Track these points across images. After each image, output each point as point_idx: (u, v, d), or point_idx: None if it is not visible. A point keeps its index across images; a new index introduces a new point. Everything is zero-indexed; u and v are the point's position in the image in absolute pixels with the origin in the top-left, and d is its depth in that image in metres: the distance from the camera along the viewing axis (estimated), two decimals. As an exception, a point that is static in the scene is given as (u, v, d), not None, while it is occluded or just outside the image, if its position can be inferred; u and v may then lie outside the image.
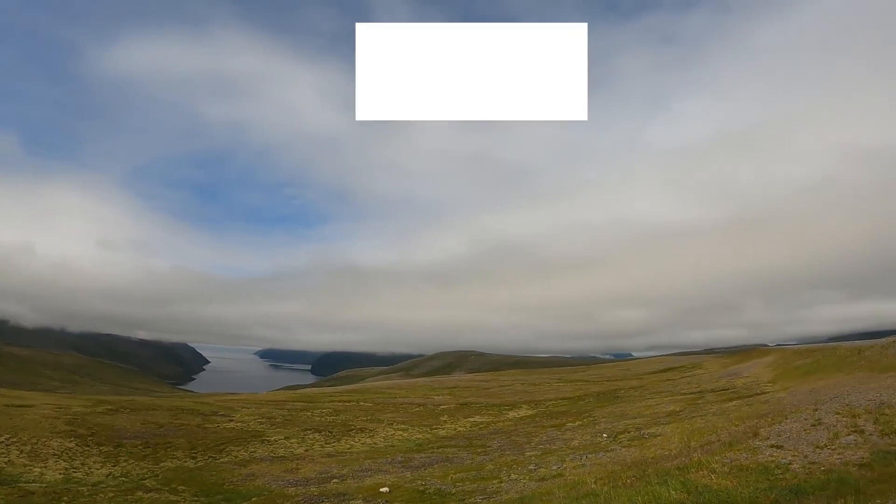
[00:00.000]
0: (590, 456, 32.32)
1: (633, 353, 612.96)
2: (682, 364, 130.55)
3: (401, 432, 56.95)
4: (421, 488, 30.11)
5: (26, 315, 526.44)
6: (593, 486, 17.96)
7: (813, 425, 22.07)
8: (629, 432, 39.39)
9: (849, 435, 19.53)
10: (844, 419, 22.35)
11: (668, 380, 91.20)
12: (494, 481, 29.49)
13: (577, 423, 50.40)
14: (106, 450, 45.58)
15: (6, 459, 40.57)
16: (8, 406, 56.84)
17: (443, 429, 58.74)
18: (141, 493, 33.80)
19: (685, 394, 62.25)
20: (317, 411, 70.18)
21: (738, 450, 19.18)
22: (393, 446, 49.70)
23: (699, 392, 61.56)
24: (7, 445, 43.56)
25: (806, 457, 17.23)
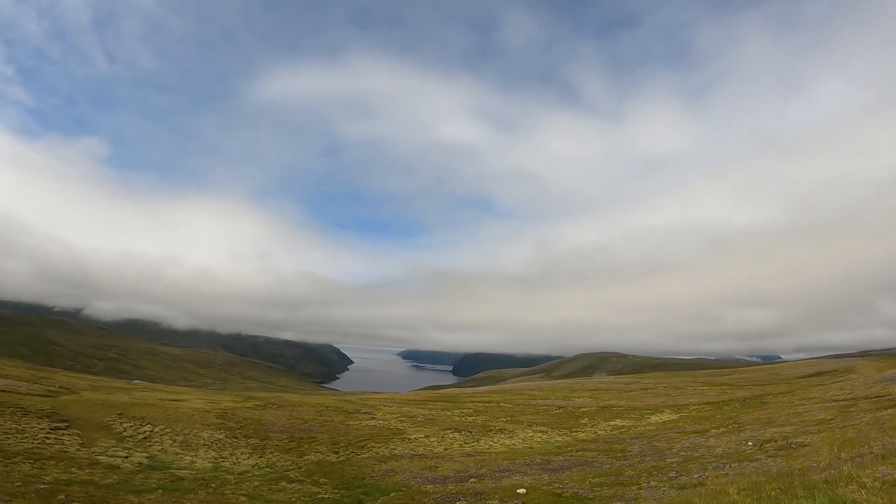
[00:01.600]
0: (733, 465, 31.31)
1: (782, 356, 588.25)
2: (834, 368, 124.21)
3: (540, 434, 56.81)
4: (558, 491, 29.99)
5: (178, 318, 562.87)
6: (735, 497, 17.42)
7: (977, 439, 20.57)
8: (776, 441, 37.86)
9: None
10: None
11: (819, 385, 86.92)
12: (633, 487, 29.03)
13: (720, 430, 48.89)
14: (253, 442, 47.66)
15: (160, 447, 43.11)
16: (163, 400, 60.41)
17: (582, 432, 58.22)
18: (284, 484, 35.16)
19: (837, 400, 59.18)
20: (457, 411, 70.92)
21: (893, 464, 18.09)
22: (531, 448, 49.63)
23: (852, 399, 58.37)
24: (161, 435, 46.32)
25: None
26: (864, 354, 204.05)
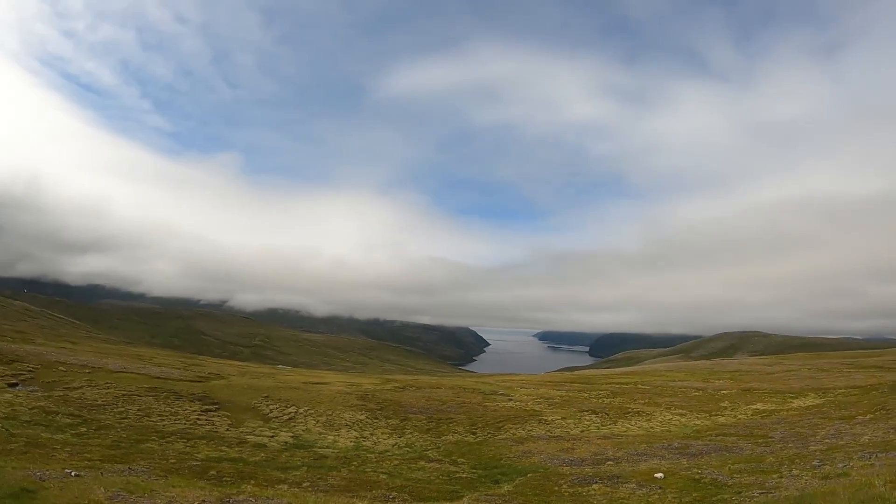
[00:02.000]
0: (881, 455, 30.38)
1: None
2: None
3: (678, 417, 56.28)
4: (696, 477, 29.97)
5: (318, 306, 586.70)
6: (881, 489, 17.13)
7: None
8: (929, 430, 36.45)
9: None
10: None
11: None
12: (774, 476, 28.67)
13: (868, 417, 47.13)
14: (393, 423, 49.46)
15: (304, 428, 45.47)
16: (306, 383, 63.27)
17: (722, 416, 57.28)
18: (423, 463, 36.53)
19: None
20: (594, 393, 70.97)
21: None
22: (669, 432, 49.32)
23: None
24: (306, 416, 48.81)
25: None
26: None
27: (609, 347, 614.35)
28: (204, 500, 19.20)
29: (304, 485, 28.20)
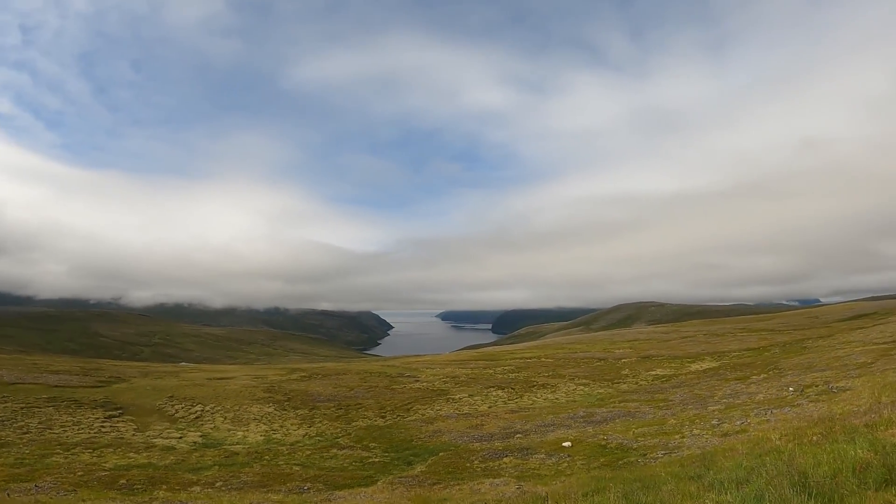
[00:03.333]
0: (775, 411, 31.69)
1: (821, 300, 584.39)
2: (874, 310, 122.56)
3: (582, 387, 57.44)
4: (603, 443, 30.71)
5: (213, 298, 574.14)
6: (777, 442, 17.76)
7: None
8: (816, 386, 38.10)
9: None
10: None
11: (859, 328, 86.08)
12: (676, 436, 29.60)
13: (761, 376, 49.14)
14: (302, 413, 48.84)
15: (212, 425, 44.39)
16: (210, 379, 61.82)
17: (624, 383, 58.76)
18: (335, 451, 36.23)
19: (878, 344, 58.84)
20: (499, 369, 71.73)
21: (933, 406, 18.36)
22: (574, 401, 50.28)
23: (893, 342, 58.06)
24: (213, 414, 47.66)
25: None
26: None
27: (511, 324, 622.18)
28: (116, 513, 18.51)
29: (218, 484, 27.54)
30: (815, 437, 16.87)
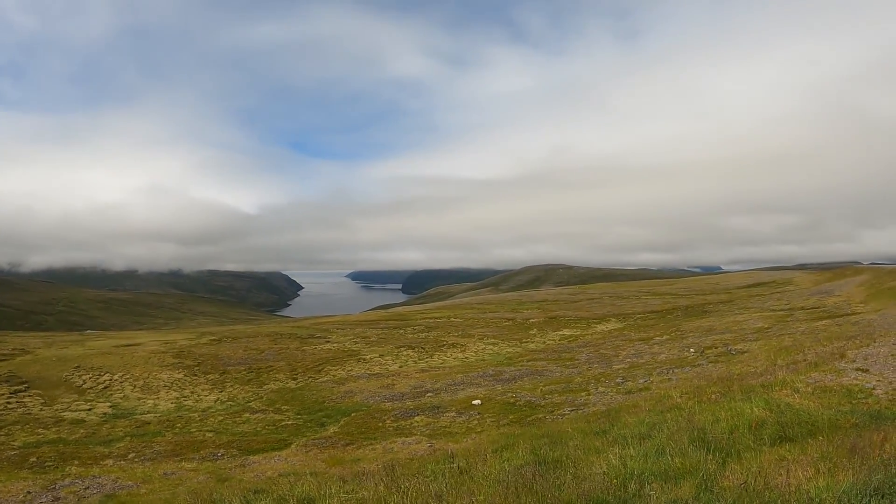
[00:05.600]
0: (676, 370, 32.88)
1: (723, 267, 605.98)
2: (773, 279, 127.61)
3: (491, 346, 58.21)
4: (511, 400, 31.34)
5: (113, 261, 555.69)
6: (678, 400, 18.44)
7: (902, 351, 21.67)
8: (716, 348, 39.62)
9: (937, 365, 19.10)
10: (934, 348, 21.89)
11: (758, 295, 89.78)
12: (583, 394, 30.45)
13: (664, 338, 50.69)
14: (213, 378, 48.07)
15: (122, 395, 43.30)
16: (118, 346, 59.94)
17: (532, 343, 59.78)
18: (248, 415, 35.96)
19: (774, 310, 61.54)
20: (409, 329, 71.98)
21: (824, 371, 19.17)
22: (484, 360, 50.92)
23: (788, 309, 60.76)
24: (122, 382, 46.40)
25: (891, 383, 17.02)
26: (802, 268, 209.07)
27: (421, 284, 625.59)
28: (29, 492, 17.92)
29: (130, 456, 26.99)
30: (714, 396, 17.58)
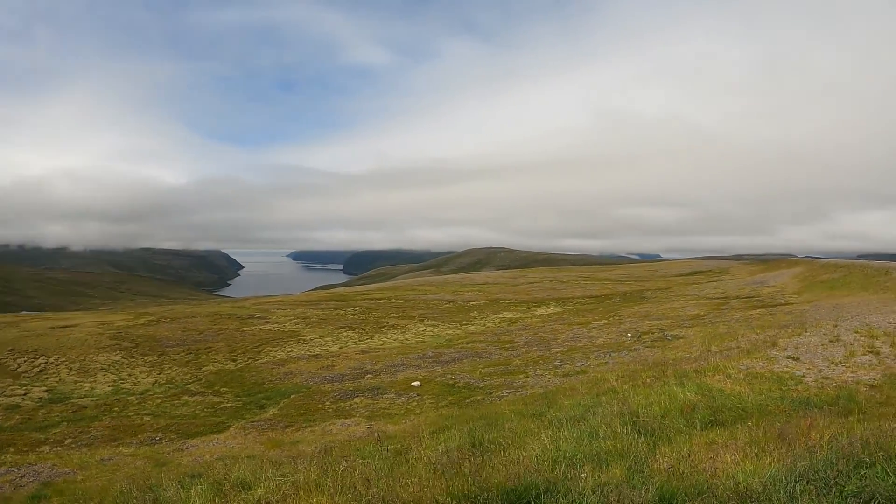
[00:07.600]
0: (613, 354, 33.41)
1: (661, 255, 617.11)
2: (710, 268, 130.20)
3: (431, 328, 58.29)
4: (451, 382, 31.52)
5: (45, 238, 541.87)
6: (614, 383, 18.73)
7: (831, 341, 22.20)
8: (653, 333, 40.33)
9: (864, 355, 19.54)
10: (862, 339, 22.43)
11: (695, 283, 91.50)
12: (521, 376, 30.76)
13: (602, 322, 51.38)
14: (150, 359, 47.16)
15: (57, 378, 42.15)
16: (53, 328, 58.40)
17: (472, 325, 59.99)
18: (186, 398, 35.45)
19: (710, 298, 62.85)
20: (350, 310, 71.68)
21: (756, 358, 19.65)
22: (424, 342, 50.97)
23: (724, 298, 62.09)
24: (58, 365, 45.17)
25: (820, 371, 17.62)
26: (739, 258, 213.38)
27: (362, 265, 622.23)
28: (-35, 483, 17.47)
29: (67, 442, 26.40)
30: (648, 380, 17.88)
